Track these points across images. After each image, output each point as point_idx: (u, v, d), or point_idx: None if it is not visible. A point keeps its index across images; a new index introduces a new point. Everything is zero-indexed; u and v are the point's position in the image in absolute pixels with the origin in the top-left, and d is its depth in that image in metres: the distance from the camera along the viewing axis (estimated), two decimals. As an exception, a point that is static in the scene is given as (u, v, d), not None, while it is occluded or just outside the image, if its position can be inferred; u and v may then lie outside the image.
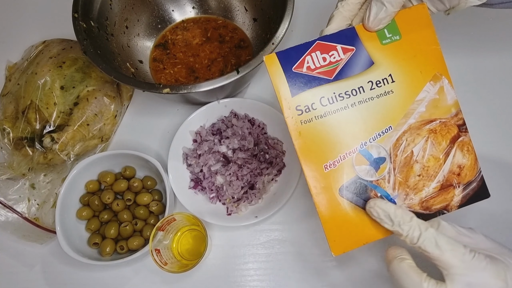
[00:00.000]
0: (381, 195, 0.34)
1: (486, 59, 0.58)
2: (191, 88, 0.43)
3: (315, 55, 0.34)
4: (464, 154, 0.35)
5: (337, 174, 0.34)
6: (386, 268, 0.34)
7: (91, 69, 0.53)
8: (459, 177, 0.35)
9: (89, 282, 0.49)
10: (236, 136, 0.51)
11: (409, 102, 0.34)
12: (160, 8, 0.60)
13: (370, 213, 0.33)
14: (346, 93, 0.34)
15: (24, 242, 0.49)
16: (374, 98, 0.34)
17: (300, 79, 0.34)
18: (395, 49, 0.34)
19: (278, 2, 0.49)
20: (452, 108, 0.35)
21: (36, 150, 0.49)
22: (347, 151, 0.34)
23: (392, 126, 0.34)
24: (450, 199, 0.35)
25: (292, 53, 0.34)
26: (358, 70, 0.34)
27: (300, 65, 0.34)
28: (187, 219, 0.46)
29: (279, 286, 0.48)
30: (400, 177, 0.35)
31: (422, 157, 0.35)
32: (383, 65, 0.34)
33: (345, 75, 0.34)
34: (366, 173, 0.34)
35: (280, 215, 0.51)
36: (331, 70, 0.34)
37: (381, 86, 0.34)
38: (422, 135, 0.35)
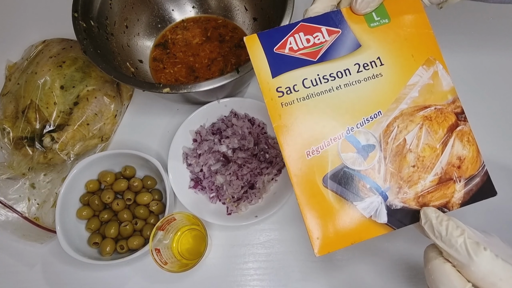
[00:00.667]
0: (370, 186, 0.31)
1: (485, 58, 0.58)
2: (191, 87, 0.43)
3: (298, 36, 0.32)
4: (464, 144, 0.32)
5: (320, 161, 0.31)
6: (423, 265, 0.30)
7: (91, 69, 0.53)
8: (459, 170, 0.32)
9: (89, 281, 0.49)
10: (236, 136, 0.51)
11: (400, 86, 0.32)
12: (160, 8, 0.60)
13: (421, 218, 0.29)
14: (331, 75, 0.32)
15: (24, 241, 0.49)
16: (362, 81, 0.32)
17: (282, 60, 0.32)
18: (384, 32, 0.33)
19: (278, 2, 0.49)
20: (448, 94, 0.33)
21: (36, 150, 0.49)
22: (332, 136, 0.31)
23: (382, 111, 0.32)
24: (451, 195, 0.32)
25: (274, 34, 0.32)
26: (344, 52, 0.32)
27: (282, 46, 0.32)
28: (187, 219, 0.46)
29: (279, 286, 0.48)
30: (392, 168, 0.31)
31: (416, 146, 0.32)
32: (371, 48, 0.33)
33: (330, 56, 0.32)
34: (353, 161, 0.31)
35: (280, 215, 0.51)
36: (315, 52, 0.32)
37: (369, 69, 0.32)
38: (415, 122, 0.32)
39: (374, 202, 0.31)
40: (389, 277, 0.47)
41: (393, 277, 0.47)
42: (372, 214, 0.31)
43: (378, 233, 0.31)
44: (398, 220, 0.31)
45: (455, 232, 0.27)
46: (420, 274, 0.47)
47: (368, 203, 0.31)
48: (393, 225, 0.31)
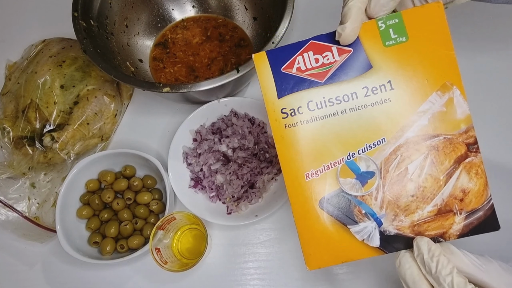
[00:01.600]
0: (365, 212, 0.31)
1: (487, 59, 0.58)
2: (191, 87, 0.43)
3: (307, 56, 0.31)
4: (471, 177, 0.31)
5: (318, 184, 0.31)
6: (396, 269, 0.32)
7: (91, 68, 0.53)
8: (461, 203, 0.31)
9: (89, 281, 0.49)
10: (236, 135, 0.51)
11: (409, 113, 0.31)
12: (160, 7, 0.60)
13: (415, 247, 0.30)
14: (337, 98, 0.31)
15: (24, 241, 0.49)
16: (368, 106, 0.31)
17: (289, 81, 0.31)
18: (400, 53, 0.31)
19: (278, 1, 0.49)
20: (461, 123, 0.31)
21: (36, 149, 0.49)
22: (332, 161, 0.31)
23: (386, 139, 0.31)
24: (449, 227, 0.31)
25: (283, 52, 0.32)
26: (354, 74, 0.31)
27: (290, 65, 0.31)
28: (187, 218, 0.46)
29: (279, 285, 0.48)
30: (390, 196, 0.31)
31: (418, 176, 0.31)
32: (382, 70, 0.31)
33: (338, 78, 0.31)
34: (351, 187, 0.31)
35: (280, 214, 0.51)
36: (323, 73, 0.31)
37: (377, 93, 0.31)
38: (421, 151, 0.31)
39: (368, 227, 0.32)
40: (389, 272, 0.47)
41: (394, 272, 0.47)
42: (365, 238, 0.32)
43: (368, 255, 0.31)
44: (391, 245, 0.31)
45: (444, 271, 0.28)
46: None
47: (362, 228, 0.32)
48: (385, 250, 0.32)
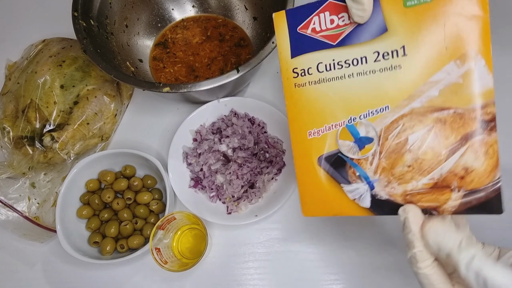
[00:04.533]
0: (359, 174, 0.32)
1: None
2: (191, 87, 0.43)
3: (323, 16, 0.31)
4: (478, 156, 0.29)
5: (318, 143, 0.33)
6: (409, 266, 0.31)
7: (91, 68, 0.53)
8: (461, 181, 0.29)
9: (90, 280, 0.49)
10: (236, 135, 0.51)
11: (420, 82, 0.29)
12: (160, 7, 0.60)
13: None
14: (346, 61, 0.31)
15: (24, 240, 0.49)
16: (376, 72, 0.30)
17: (303, 41, 0.32)
18: (421, 14, 0.28)
19: (278, 1, 0.49)
20: (479, 98, 0.28)
21: (36, 149, 0.49)
22: (333, 122, 0.32)
23: (390, 106, 0.30)
24: (444, 202, 0.30)
25: (301, 11, 0.31)
26: (367, 37, 0.30)
27: (306, 26, 0.31)
28: (187, 218, 0.46)
29: (279, 285, 0.48)
30: (385, 163, 0.31)
31: (418, 148, 0.30)
32: (398, 34, 0.29)
33: (350, 41, 0.30)
34: (349, 149, 0.32)
35: (280, 214, 0.51)
36: (336, 35, 0.31)
37: (388, 59, 0.29)
38: (425, 123, 0.29)
39: (360, 189, 0.33)
40: (389, 273, 0.47)
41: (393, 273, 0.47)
42: (356, 198, 0.33)
43: (358, 213, 0.33)
44: (380, 209, 0.32)
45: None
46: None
47: (354, 188, 0.33)
48: (374, 211, 0.33)
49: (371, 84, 0.31)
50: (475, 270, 0.25)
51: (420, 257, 0.29)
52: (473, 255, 0.26)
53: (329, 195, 0.34)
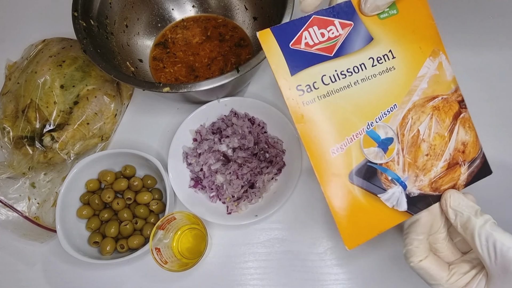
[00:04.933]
0: (391, 178, 0.32)
1: (487, 56, 0.58)
2: (191, 87, 0.43)
3: (313, 31, 0.31)
4: (466, 130, 0.34)
5: (345, 158, 0.31)
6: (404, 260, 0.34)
7: (91, 68, 0.53)
8: (464, 155, 0.34)
9: (89, 280, 0.49)
10: (236, 135, 0.51)
11: (411, 78, 0.33)
12: (160, 7, 0.60)
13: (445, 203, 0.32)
14: (348, 70, 0.31)
15: (24, 240, 0.49)
16: (377, 75, 0.32)
17: (299, 57, 0.31)
18: (394, 24, 0.32)
19: (278, 1, 0.49)
20: (451, 84, 0.34)
21: (36, 149, 0.49)
22: (354, 132, 0.31)
23: (397, 104, 0.32)
24: (457, 178, 0.34)
25: (287, 28, 0.31)
26: (358, 46, 0.32)
27: (298, 41, 0.31)
28: (187, 218, 0.46)
29: (279, 285, 0.48)
30: (409, 158, 0.33)
31: (428, 136, 0.33)
32: (382, 41, 0.32)
33: (346, 51, 0.31)
34: (375, 155, 0.32)
35: (280, 214, 0.51)
36: (330, 47, 0.31)
37: (382, 63, 0.32)
38: (426, 113, 0.33)
39: (396, 193, 0.32)
40: (389, 272, 0.47)
41: (393, 273, 0.47)
42: (394, 204, 0.32)
43: (399, 221, 0.33)
44: (415, 206, 0.33)
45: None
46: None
47: (390, 194, 0.32)
48: (412, 211, 0.33)
49: (376, 87, 0.32)
50: (487, 233, 0.28)
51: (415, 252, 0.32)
52: (486, 220, 0.30)
53: (370, 212, 0.32)
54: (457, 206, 0.31)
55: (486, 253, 0.29)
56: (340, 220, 0.32)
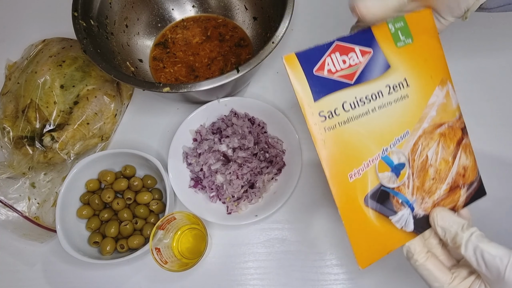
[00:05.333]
0: (401, 201, 0.34)
1: (484, 58, 0.58)
2: (191, 87, 0.43)
3: (335, 57, 0.32)
4: (467, 155, 0.36)
5: (362, 183, 0.32)
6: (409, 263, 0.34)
7: (91, 68, 0.53)
8: (464, 178, 0.36)
9: (89, 280, 0.49)
10: (236, 135, 0.51)
11: (423, 106, 0.34)
12: (160, 7, 0.60)
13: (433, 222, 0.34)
14: (367, 97, 0.32)
15: (24, 240, 0.49)
16: (392, 103, 0.33)
17: (322, 83, 0.31)
18: (409, 53, 0.34)
19: (278, 1, 0.49)
20: (456, 111, 0.35)
21: (36, 149, 0.49)
22: (370, 158, 0.33)
23: (409, 131, 0.34)
24: (457, 200, 0.36)
25: (311, 54, 0.31)
26: (377, 73, 0.33)
27: (321, 67, 0.31)
28: (187, 218, 0.46)
29: (279, 285, 0.48)
30: (418, 182, 0.34)
31: (435, 161, 0.35)
32: (399, 69, 0.33)
33: (365, 78, 0.32)
34: (389, 180, 0.33)
35: (280, 214, 0.51)
36: (351, 74, 0.32)
37: (397, 91, 0.33)
38: (434, 139, 0.35)
39: (405, 214, 0.34)
40: (389, 272, 0.47)
41: (393, 273, 0.47)
42: (403, 225, 0.34)
43: (406, 241, 0.34)
44: (420, 227, 0.34)
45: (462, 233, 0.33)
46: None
47: (400, 216, 0.34)
48: (417, 231, 0.34)
49: (391, 114, 0.33)
50: (474, 245, 0.30)
51: (415, 250, 0.33)
52: (472, 233, 0.31)
53: (381, 233, 0.33)
54: (444, 223, 0.33)
55: (476, 263, 0.30)
56: (355, 242, 0.33)
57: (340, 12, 0.63)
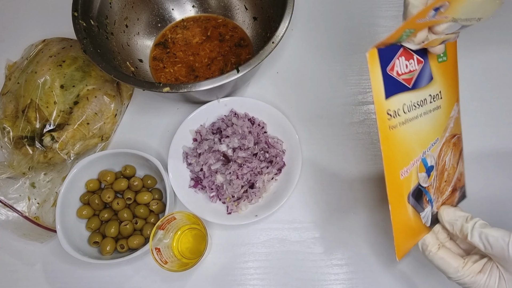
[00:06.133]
0: (428, 199, 0.37)
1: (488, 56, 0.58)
2: (191, 87, 0.43)
3: (402, 60, 0.33)
4: (463, 164, 0.42)
5: (408, 181, 0.35)
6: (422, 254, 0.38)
7: (91, 68, 0.53)
8: (459, 182, 0.41)
9: (90, 280, 0.49)
10: (236, 135, 0.51)
11: (447, 118, 0.38)
12: (160, 7, 0.60)
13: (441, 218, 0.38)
14: (418, 102, 0.34)
15: (24, 240, 0.49)
16: (431, 111, 0.36)
17: (392, 82, 0.32)
18: (444, 69, 0.37)
19: (278, 1, 0.49)
20: (460, 126, 0.41)
21: (36, 149, 0.49)
22: (415, 158, 0.35)
23: (439, 138, 0.37)
24: (453, 200, 0.40)
25: (387, 53, 0.32)
26: (425, 82, 0.35)
27: (392, 68, 0.32)
28: (187, 218, 0.46)
29: (279, 285, 0.48)
30: (437, 183, 0.38)
31: (448, 166, 0.39)
32: (437, 82, 0.36)
33: (418, 85, 0.35)
34: (423, 180, 0.36)
35: (280, 214, 0.51)
36: (410, 79, 0.34)
37: (436, 101, 0.36)
38: (450, 147, 0.39)
39: (428, 211, 0.37)
40: (389, 272, 0.47)
41: (393, 273, 0.47)
42: (425, 220, 0.38)
43: (425, 233, 0.38)
44: (433, 223, 0.39)
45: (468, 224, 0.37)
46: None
47: (426, 212, 0.37)
48: (431, 226, 0.39)
49: (430, 121, 0.36)
50: (479, 231, 0.34)
51: (429, 242, 0.37)
52: (475, 221, 0.35)
53: (413, 227, 0.37)
54: (451, 218, 0.37)
55: (483, 247, 0.34)
56: (398, 236, 0.35)
57: (340, 12, 0.63)
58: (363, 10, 0.62)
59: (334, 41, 0.61)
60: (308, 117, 0.56)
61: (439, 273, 0.37)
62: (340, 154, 0.54)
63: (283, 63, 0.60)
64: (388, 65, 0.32)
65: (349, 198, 0.51)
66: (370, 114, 0.56)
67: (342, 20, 0.62)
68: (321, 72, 0.59)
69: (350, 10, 0.62)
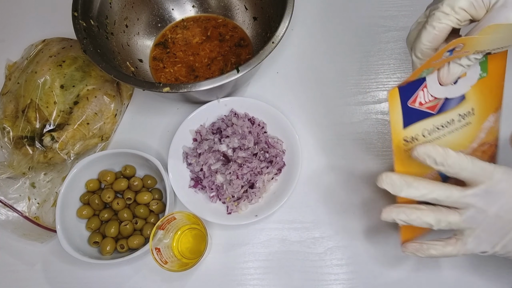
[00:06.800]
0: None
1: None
2: (191, 87, 0.43)
3: (426, 91, 0.35)
4: None
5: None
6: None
7: (91, 68, 0.53)
8: None
9: (89, 280, 0.49)
10: (236, 135, 0.51)
11: (478, 130, 0.38)
12: (160, 7, 0.60)
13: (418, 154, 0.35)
14: (442, 125, 0.36)
15: (24, 240, 0.49)
16: (459, 129, 0.37)
17: (412, 113, 0.35)
18: (481, 85, 0.36)
19: (278, 1, 0.49)
20: (497, 132, 0.40)
21: (36, 149, 0.49)
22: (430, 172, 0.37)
23: (463, 150, 0.37)
24: None
25: (409, 88, 0.35)
26: (454, 104, 0.36)
27: (414, 100, 0.35)
28: (187, 218, 0.46)
29: (279, 285, 0.48)
30: None
31: None
32: (470, 100, 0.37)
33: (444, 109, 0.36)
34: None
35: (280, 214, 0.51)
36: (435, 106, 0.36)
37: (465, 119, 0.37)
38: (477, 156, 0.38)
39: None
40: (389, 272, 0.47)
41: (393, 273, 0.47)
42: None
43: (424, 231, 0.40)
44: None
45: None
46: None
47: None
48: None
49: (456, 138, 0.37)
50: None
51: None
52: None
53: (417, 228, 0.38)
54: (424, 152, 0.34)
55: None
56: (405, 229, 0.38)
57: (340, 12, 0.63)
58: (363, 10, 0.62)
59: (334, 41, 0.61)
60: (308, 117, 0.56)
61: (440, 273, 0.37)
62: (340, 154, 0.54)
63: (283, 63, 0.60)
64: (410, 98, 0.35)
65: (349, 198, 0.51)
66: (370, 114, 0.56)
67: (342, 20, 0.62)
68: (321, 72, 0.59)
69: (350, 10, 0.62)
